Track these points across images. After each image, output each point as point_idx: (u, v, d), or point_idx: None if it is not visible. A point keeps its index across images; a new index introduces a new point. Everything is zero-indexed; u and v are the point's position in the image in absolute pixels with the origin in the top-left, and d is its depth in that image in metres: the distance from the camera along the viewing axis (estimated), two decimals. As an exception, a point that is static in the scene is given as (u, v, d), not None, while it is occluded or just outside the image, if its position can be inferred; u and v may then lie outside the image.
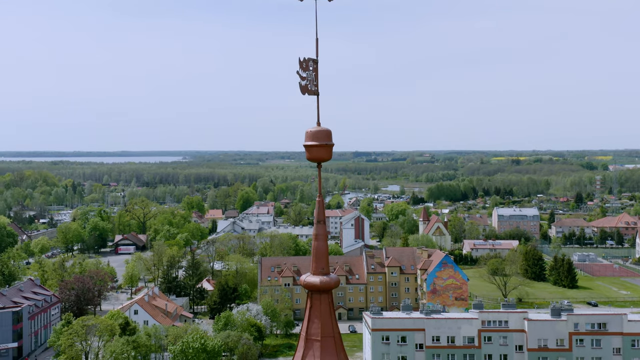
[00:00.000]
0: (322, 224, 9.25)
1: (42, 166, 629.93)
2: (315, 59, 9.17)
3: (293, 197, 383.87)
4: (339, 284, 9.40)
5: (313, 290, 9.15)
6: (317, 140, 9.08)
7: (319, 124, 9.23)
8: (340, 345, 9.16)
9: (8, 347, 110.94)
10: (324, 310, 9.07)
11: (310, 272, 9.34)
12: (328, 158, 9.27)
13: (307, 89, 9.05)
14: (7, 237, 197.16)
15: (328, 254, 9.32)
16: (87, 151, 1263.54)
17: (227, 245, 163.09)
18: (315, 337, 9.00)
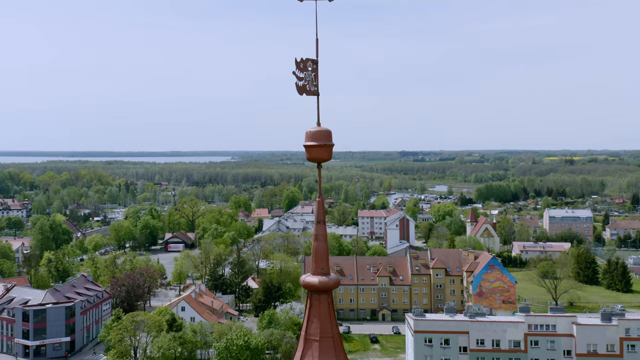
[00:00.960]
0: (322, 224, 9.26)
1: (97, 166, 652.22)
2: (315, 60, 9.18)
3: (337, 197, 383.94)
4: (338, 285, 9.39)
5: (312, 290, 9.17)
6: (316, 141, 9.09)
7: (319, 124, 9.23)
8: (340, 346, 9.14)
9: (61, 341, 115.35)
10: (323, 311, 9.08)
11: (310, 272, 9.34)
12: (328, 158, 9.26)
13: (305, 89, 9.07)
14: (62, 235, 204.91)
15: (328, 254, 9.32)
16: (140, 151, 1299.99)
17: (272, 244, 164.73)
18: (314, 337, 9.01)
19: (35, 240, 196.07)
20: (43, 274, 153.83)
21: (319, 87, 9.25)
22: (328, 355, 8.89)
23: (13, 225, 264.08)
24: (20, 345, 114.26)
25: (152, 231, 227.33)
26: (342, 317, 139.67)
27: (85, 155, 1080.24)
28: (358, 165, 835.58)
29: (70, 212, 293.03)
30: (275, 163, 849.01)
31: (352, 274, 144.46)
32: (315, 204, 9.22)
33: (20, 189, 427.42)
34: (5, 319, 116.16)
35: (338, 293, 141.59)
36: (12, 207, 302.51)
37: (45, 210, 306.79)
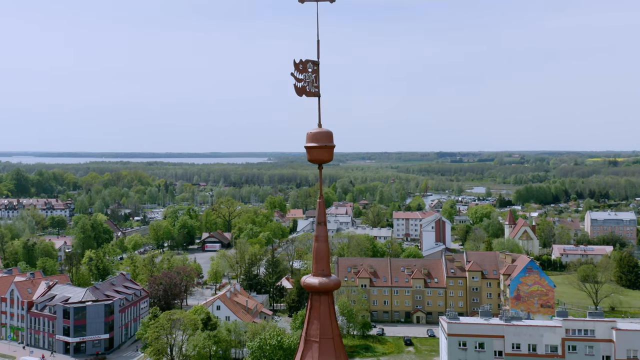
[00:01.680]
0: (323, 225, 9.27)
1: (137, 166, 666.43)
2: (316, 61, 9.20)
3: (372, 198, 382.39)
4: (339, 286, 9.37)
5: (313, 291, 9.19)
6: (317, 142, 9.11)
7: (320, 126, 9.25)
8: (340, 347, 9.13)
9: (100, 338, 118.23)
10: (323, 312, 9.08)
11: (311, 273, 9.37)
12: (329, 159, 9.27)
13: (304, 90, 9.10)
14: (103, 234, 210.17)
15: (329, 256, 9.32)
16: (179, 152, 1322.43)
17: (306, 245, 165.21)
18: (314, 338, 9.03)
19: (77, 239, 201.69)
20: (84, 272, 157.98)
21: (320, 88, 9.26)
22: (328, 357, 8.89)
23: (56, 224, 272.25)
24: (61, 341, 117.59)
25: (189, 231, 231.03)
26: (375, 319, 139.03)
27: (127, 157, 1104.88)
28: (394, 166, 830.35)
29: (111, 212, 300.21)
30: (310, 164, 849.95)
31: (386, 275, 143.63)
32: (316, 205, 9.23)
33: (64, 189, 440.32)
34: (47, 316, 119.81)
35: (372, 295, 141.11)
36: (56, 207, 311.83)
37: (87, 210, 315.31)
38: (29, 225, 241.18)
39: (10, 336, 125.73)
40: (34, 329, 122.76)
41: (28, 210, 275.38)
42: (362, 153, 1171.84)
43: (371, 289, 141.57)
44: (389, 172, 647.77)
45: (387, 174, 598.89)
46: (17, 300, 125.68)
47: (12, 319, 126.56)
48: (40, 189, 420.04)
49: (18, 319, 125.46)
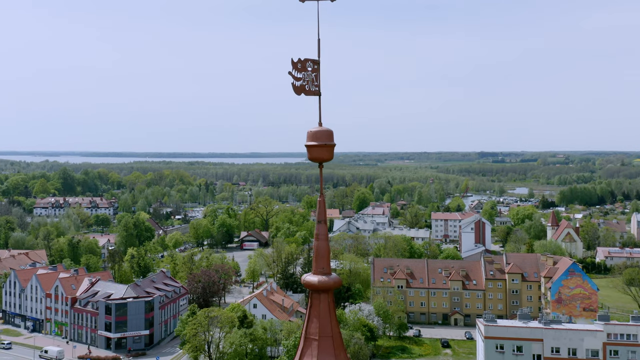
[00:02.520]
0: (323, 223, 9.28)
1: (179, 166, 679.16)
2: (317, 60, 9.22)
3: (410, 199, 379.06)
4: (339, 285, 9.37)
5: (312, 289, 9.22)
6: (317, 141, 9.12)
7: (320, 124, 9.27)
8: (340, 345, 9.13)
9: (141, 334, 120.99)
10: (323, 310, 9.10)
11: (312, 271, 9.40)
12: (329, 158, 9.27)
13: (303, 89, 9.12)
14: (145, 232, 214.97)
15: (329, 254, 9.33)
16: (221, 152, 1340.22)
17: (341, 245, 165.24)
18: (313, 336, 9.06)
19: (120, 237, 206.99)
20: (126, 269, 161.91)
21: (321, 87, 9.28)
22: (327, 355, 8.91)
23: (101, 222, 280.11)
24: (102, 337, 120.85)
25: (228, 230, 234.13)
26: (412, 321, 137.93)
27: (170, 157, 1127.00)
28: (433, 166, 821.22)
29: (154, 211, 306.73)
30: (348, 164, 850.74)
31: (423, 277, 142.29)
32: (317, 204, 9.26)
33: (109, 188, 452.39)
34: (90, 312, 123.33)
35: (408, 296, 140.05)
36: (100, 206, 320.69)
37: (130, 209, 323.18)
38: (74, 223, 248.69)
39: (54, 331, 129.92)
40: (77, 324, 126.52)
41: (74, 209, 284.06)
42: (401, 153, 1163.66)
43: (408, 290, 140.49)
44: (428, 172, 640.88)
45: (426, 174, 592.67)
46: (61, 296, 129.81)
47: (56, 315, 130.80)
48: (85, 187, 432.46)
49: (62, 315, 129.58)
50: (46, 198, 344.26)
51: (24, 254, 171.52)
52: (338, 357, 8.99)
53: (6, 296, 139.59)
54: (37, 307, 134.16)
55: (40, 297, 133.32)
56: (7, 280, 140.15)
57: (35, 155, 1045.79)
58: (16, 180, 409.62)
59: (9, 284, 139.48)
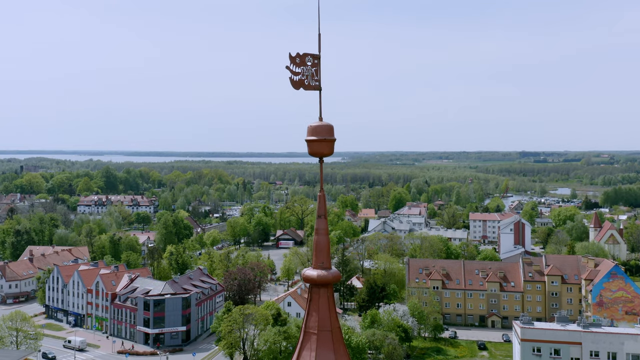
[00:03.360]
0: (323, 218, 9.30)
1: (218, 165, 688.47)
2: (317, 55, 9.23)
3: (448, 199, 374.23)
4: (339, 279, 9.37)
5: (312, 283, 9.25)
6: (317, 135, 9.14)
7: (321, 119, 9.29)
8: (339, 340, 9.13)
9: (178, 330, 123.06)
10: (322, 304, 9.12)
11: (312, 265, 9.43)
12: (329, 153, 9.28)
13: (302, 83, 9.14)
14: (184, 230, 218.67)
15: (329, 248, 9.35)
16: (258, 152, 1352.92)
17: (376, 244, 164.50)
18: (312, 330, 9.09)
19: (159, 235, 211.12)
20: (165, 266, 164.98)
21: (321, 82, 9.29)
22: (325, 349, 8.93)
23: (141, 220, 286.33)
24: (141, 332, 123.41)
25: (264, 228, 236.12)
26: (448, 322, 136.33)
27: (210, 156, 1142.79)
28: (473, 166, 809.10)
29: (192, 209, 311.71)
30: (384, 163, 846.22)
31: (459, 278, 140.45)
32: (317, 199, 9.29)
33: (150, 186, 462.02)
34: (129, 307, 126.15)
35: (444, 297, 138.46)
36: (141, 204, 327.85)
37: (170, 207, 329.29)
38: (115, 220, 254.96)
39: (95, 326, 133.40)
40: (116, 319, 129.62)
41: (116, 207, 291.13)
42: (439, 152, 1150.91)
43: (443, 291, 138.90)
44: (467, 172, 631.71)
45: (465, 174, 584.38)
46: (101, 292, 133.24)
47: (97, 310, 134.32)
48: (127, 186, 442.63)
49: (102, 310, 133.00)
50: (89, 196, 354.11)
51: (67, 251, 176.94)
52: (337, 351, 9.00)
53: (49, 291, 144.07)
54: (79, 303, 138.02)
55: (82, 292, 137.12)
56: (51, 276, 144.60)
57: (80, 154, 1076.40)
58: (61, 178, 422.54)
59: (52, 280, 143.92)
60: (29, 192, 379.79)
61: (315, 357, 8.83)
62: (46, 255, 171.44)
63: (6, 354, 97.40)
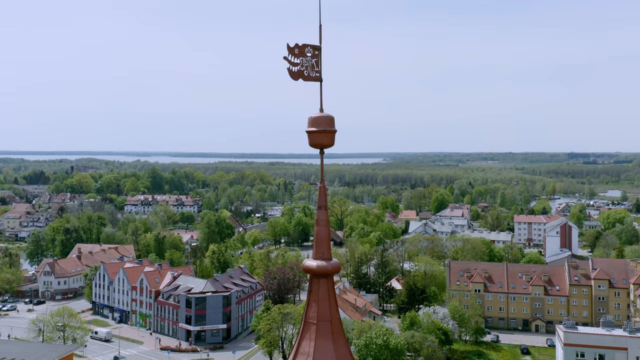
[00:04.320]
0: (324, 209, 9.31)
1: (260, 166, 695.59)
2: (318, 46, 9.24)
3: (493, 201, 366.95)
4: (338, 270, 9.36)
5: (312, 274, 9.28)
6: (318, 126, 9.15)
7: (321, 111, 9.29)
8: (338, 330, 9.13)
9: (219, 328, 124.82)
10: (322, 295, 9.13)
11: (312, 256, 9.46)
12: (330, 144, 9.26)
13: (301, 74, 9.15)
14: (226, 229, 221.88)
15: (330, 239, 9.35)
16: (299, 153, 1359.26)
17: (417, 246, 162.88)
18: (312, 320, 9.13)
19: (202, 234, 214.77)
20: (207, 264, 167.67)
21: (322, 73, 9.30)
22: (324, 339, 8.95)
23: (185, 219, 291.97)
24: (183, 329, 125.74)
25: (304, 228, 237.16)
26: (490, 326, 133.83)
27: (253, 157, 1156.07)
28: (519, 167, 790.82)
29: (235, 209, 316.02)
30: (427, 164, 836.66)
31: (502, 281, 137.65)
32: (318, 190, 9.30)
33: (194, 186, 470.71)
34: (172, 305, 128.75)
35: (486, 300, 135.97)
36: (186, 203, 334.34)
37: (213, 207, 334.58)
38: (161, 219, 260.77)
39: (139, 322, 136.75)
40: (160, 316, 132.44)
41: (161, 206, 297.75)
42: (485, 153, 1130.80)
43: (485, 294, 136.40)
44: (513, 173, 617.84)
45: (510, 175, 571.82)
46: (145, 289, 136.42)
47: (141, 307, 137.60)
48: (173, 186, 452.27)
49: (146, 307, 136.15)
50: (136, 196, 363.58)
51: (114, 248, 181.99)
52: (336, 341, 9.01)
53: (96, 288, 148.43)
54: (124, 299, 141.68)
55: (127, 289, 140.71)
56: (97, 273, 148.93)
57: (128, 155, 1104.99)
58: (109, 179, 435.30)
59: (99, 277, 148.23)
60: (78, 191, 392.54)
61: (314, 347, 8.86)
62: (93, 253, 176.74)
63: (53, 348, 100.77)
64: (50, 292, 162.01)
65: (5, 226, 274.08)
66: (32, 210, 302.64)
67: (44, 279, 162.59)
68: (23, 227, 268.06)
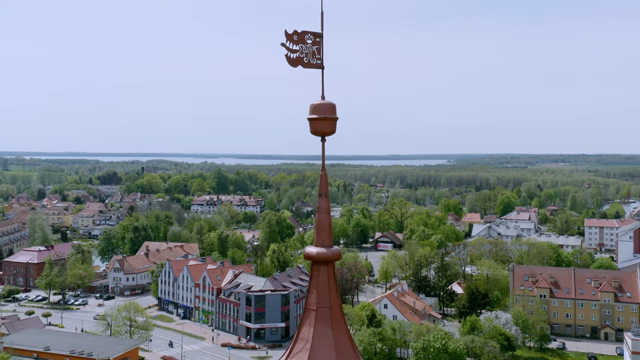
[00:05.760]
0: (325, 197, 9.30)
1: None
2: (319, 33, 9.23)
3: (562, 204, 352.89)
4: (339, 257, 9.31)
5: (312, 261, 9.30)
6: (318, 114, 9.15)
7: (323, 98, 9.28)
8: (338, 316, 9.10)
9: (277, 326, 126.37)
10: (322, 282, 9.13)
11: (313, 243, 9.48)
12: (331, 132, 9.24)
13: (301, 61, 9.15)
14: (286, 229, 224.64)
15: (331, 227, 9.33)
16: (360, 155, 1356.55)
17: (480, 250, 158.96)
18: (312, 306, 9.15)
19: (263, 233, 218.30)
20: (267, 263, 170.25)
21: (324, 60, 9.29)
22: (323, 325, 8.95)
23: (248, 219, 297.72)
24: (243, 327, 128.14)
25: (362, 230, 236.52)
26: (556, 333, 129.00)
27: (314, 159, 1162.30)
28: (592, 169, 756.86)
29: (295, 209, 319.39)
30: (494, 166, 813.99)
31: (568, 287, 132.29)
32: (319, 178, 9.31)
33: (257, 187, 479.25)
34: (232, 302, 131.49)
35: (552, 306, 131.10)
36: (249, 204, 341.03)
37: (275, 207, 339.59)
38: (224, 219, 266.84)
39: (202, 319, 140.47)
40: (221, 313, 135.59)
41: (225, 206, 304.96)
42: (555, 155, 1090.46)
43: (551, 300, 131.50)
44: (585, 175, 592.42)
45: (582, 177, 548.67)
46: (208, 286, 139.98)
47: (203, 303, 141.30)
48: (237, 187, 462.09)
49: (209, 304, 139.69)
50: (202, 196, 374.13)
51: (179, 247, 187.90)
52: (336, 327, 9.00)
53: (162, 285, 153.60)
54: (188, 296, 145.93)
55: (190, 286, 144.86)
56: (163, 270, 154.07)
57: (196, 157, 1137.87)
58: (177, 179, 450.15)
59: (165, 274, 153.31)
60: (148, 191, 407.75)
61: (313, 333, 8.88)
62: (160, 250, 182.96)
63: (120, 342, 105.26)
64: (119, 287, 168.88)
65: (79, 224, 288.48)
66: (104, 209, 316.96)
67: (114, 275, 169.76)
68: (96, 225, 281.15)
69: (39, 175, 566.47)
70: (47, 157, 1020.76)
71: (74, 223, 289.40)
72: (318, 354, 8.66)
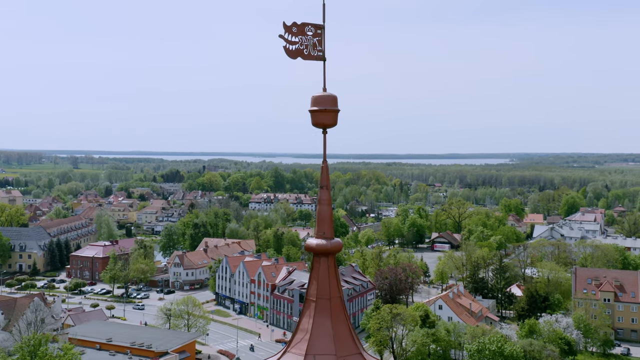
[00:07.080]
0: (326, 189, 9.31)
1: (377, 167, 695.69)
2: (321, 25, 9.21)
3: (632, 205, 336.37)
4: (339, 249, 9.29)
5: (313, 252, 9.31)
6: (320, 106, 9.15)
7: (324, 90, 9.27)
8: (338, 307, 9.10)
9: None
10: (322, 273, 9.15)
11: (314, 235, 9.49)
12: (333, 124, 9.22)
13: (300, 53, 9.16)
14: (340, 228, 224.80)
15: (332, 219, 9.32)
16: (418, 154, 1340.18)
17: (541, 251, 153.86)
18: (312, 297, 9.19)
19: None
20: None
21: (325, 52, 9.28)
22: (323, 316, 8.99)
23: (303, 217, 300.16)
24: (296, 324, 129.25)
25: (419, 229, 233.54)
26: (621, 338, 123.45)
27: (370, 158, 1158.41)
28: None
29: (350, 208, 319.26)
30: (559, 166, 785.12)
31: (634, 290, 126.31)
32: (321, 170, 9.32)
33: (313, 186, 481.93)
34: (286, 299, 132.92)
35: (616, 311, 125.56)
36: (304, 202, 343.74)
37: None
38: (280, 217, 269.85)
39: (257, 314, 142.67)
40: (275, 309, 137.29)
41: (281, 204, 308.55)
42: (625, 154, 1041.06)
43: (616, 304, 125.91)
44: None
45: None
46: (263, 283, 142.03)
47: (258, 299, 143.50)
48: (293, 185, 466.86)
49: (263, 300, 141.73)
50: (260, 194, 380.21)
51: (237, 243, 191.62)
52: (335, 318, 9.01)
53: (219, 280, 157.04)
54: (243, 291, 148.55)
55: (246, 282, 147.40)
56: (220, 266, 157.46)
57: (255, 156, 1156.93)
58: (236, 178, 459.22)
59: (222, 269, 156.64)
60: (208, 189, 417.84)
61: (312, 324, 8.92)
62: (218, 246, 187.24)
63: (178, 335, 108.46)
64: (179, 282, 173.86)
65: (143, 220, 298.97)
66: (167, 206, 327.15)
67: (174, 270, 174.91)
68: (159, 221, 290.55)
69: (107, 173, 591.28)
70: (114, 155, 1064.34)
71: (138, 219, 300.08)
72: (317, 344, 8.71)
